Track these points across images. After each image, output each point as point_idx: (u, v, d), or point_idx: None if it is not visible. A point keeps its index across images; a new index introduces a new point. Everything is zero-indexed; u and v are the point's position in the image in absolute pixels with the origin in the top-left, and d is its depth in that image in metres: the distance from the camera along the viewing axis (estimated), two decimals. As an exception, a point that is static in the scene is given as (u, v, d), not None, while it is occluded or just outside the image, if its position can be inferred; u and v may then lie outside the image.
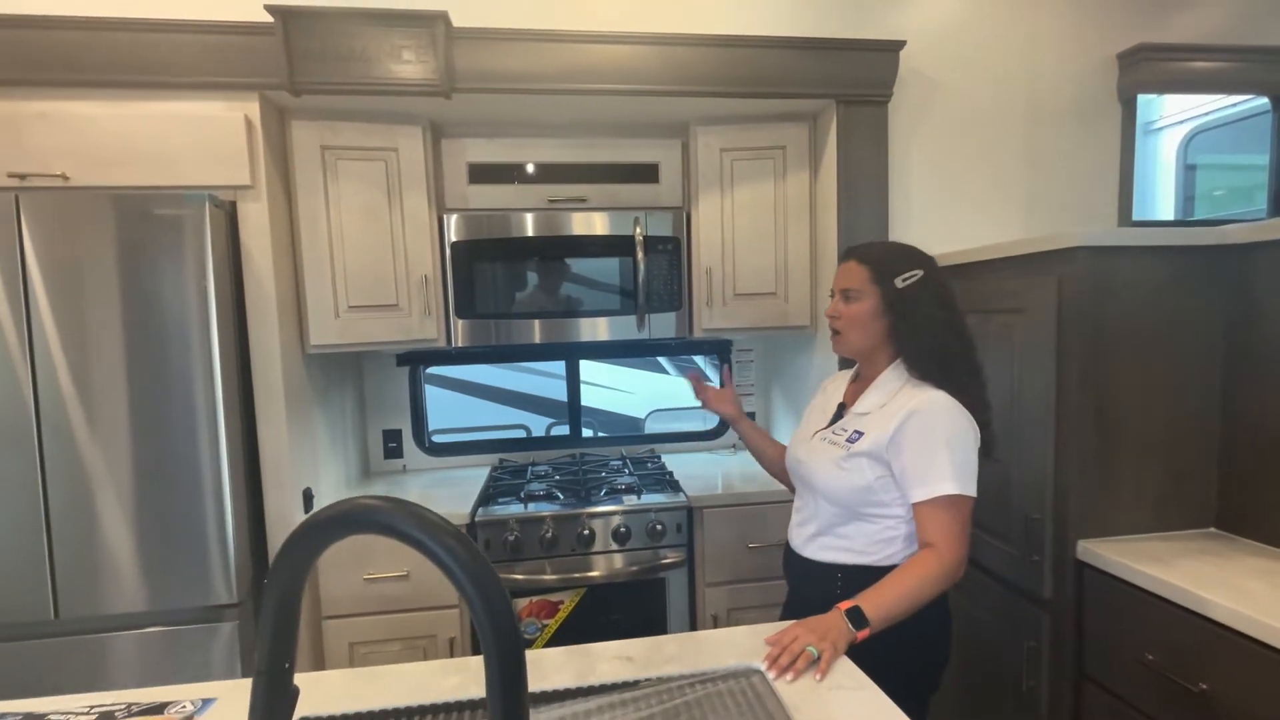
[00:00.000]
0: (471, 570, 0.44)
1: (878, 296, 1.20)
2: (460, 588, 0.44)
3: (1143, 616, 1.25)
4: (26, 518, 1.54)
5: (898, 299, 1.18)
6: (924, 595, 1.08)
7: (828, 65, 1.86)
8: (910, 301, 1.18)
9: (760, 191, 2.05)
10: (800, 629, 1.02)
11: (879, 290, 1.20)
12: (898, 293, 1.18)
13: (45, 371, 1.53)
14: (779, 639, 1.01)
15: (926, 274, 1.19)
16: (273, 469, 1.75)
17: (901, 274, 1.19)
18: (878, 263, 1.21)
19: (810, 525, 1.26)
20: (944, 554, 1.09)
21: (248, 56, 1.62)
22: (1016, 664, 1.51)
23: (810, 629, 1.02)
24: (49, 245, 1.51)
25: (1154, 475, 1.42)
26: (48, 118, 1.59)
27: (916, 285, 1.18)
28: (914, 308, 1.17)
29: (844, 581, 1.20)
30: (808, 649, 0.98)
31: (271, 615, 0.49)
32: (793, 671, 0.96)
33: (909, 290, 1.18)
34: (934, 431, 1.12)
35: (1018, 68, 2.04)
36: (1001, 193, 2.08)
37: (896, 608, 1.06)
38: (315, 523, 0.48)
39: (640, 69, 1.79)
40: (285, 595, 0.49)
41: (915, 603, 1.07)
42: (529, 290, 2.05)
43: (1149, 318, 1.38)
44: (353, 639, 1.83)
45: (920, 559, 1.11)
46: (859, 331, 1.23)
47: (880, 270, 1.20)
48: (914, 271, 1.19)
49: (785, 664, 0.97)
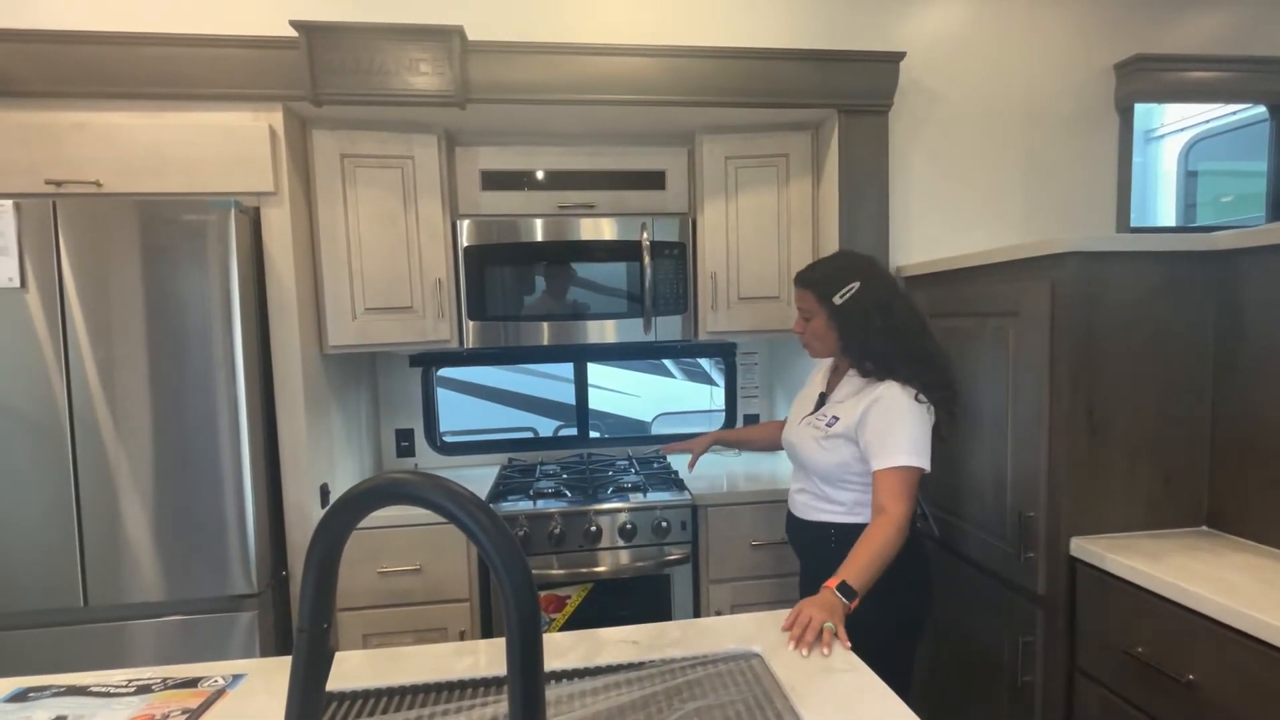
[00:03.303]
0: (493, 534, 0.49)
1: (825, 314, 1.44)
2: (483, 550, 0.49)
3: (1133, 610, 1.29)
4: (59, 509, 1.61)
5: (838, 313, 1.42)
6: (888, 554, 1.26)
7: (829, 76, 1.91)
8: (847, 314, 1.41)
9: (764, 198, 2.10)
10: (811, 609, 1.11)
11: (824, 309, 1.44)
12: (837, 309, 1.42)
13: (78, 370, 1.60)
14: (796, 621, 1.10)
15: (863, 284, 1.40)
16: (291, 464, 1.81)
17: (839, 290, 1.41)
18: (817, 285, 1.45)
19: (805, 495, 1.52)
20: (894, 515, 1.29)
21: (273, 69, 1.70)
22: (1012, 659, 1.55)
23: (819, 607, 1.11)
24: (82, 249, 1.59)
25: (1145, 474, 1.46)
26: (84, 128, 1.67)
27: (852, 299, 1.40)
28: (850, 319, 1.40)
29: (836, 536, 1.44)
30: (825, 625, 1.08)
31: (313, 577, 0.55)
32: (824, 645, 1.05)
33: (846, 304, 1.41)
34: (889, 413, 1.35)
35: (1016, 78, 2.09)
36: (1000, 200, 2.13)
37: (870, 570, 1.23)
38: (353, 494, 0.53)
39: (647, 80, 1.85)
40: (325, 560, 0.55)
41: (884, 562, 1.25)
42: (539, 293, 2.11)
43: (1140, 321, 1.43)
44: (366, 630, 1.89)
45: (876, 525, 1.29)
46: (819, 342, 1.49)
47: (820, 291, 1.44)
48: (850, 285, 1.41)
49: (811, 639, 1.06)
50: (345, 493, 0.54)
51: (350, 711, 0.94)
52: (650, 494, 2.02)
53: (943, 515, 1.82)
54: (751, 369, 2.62)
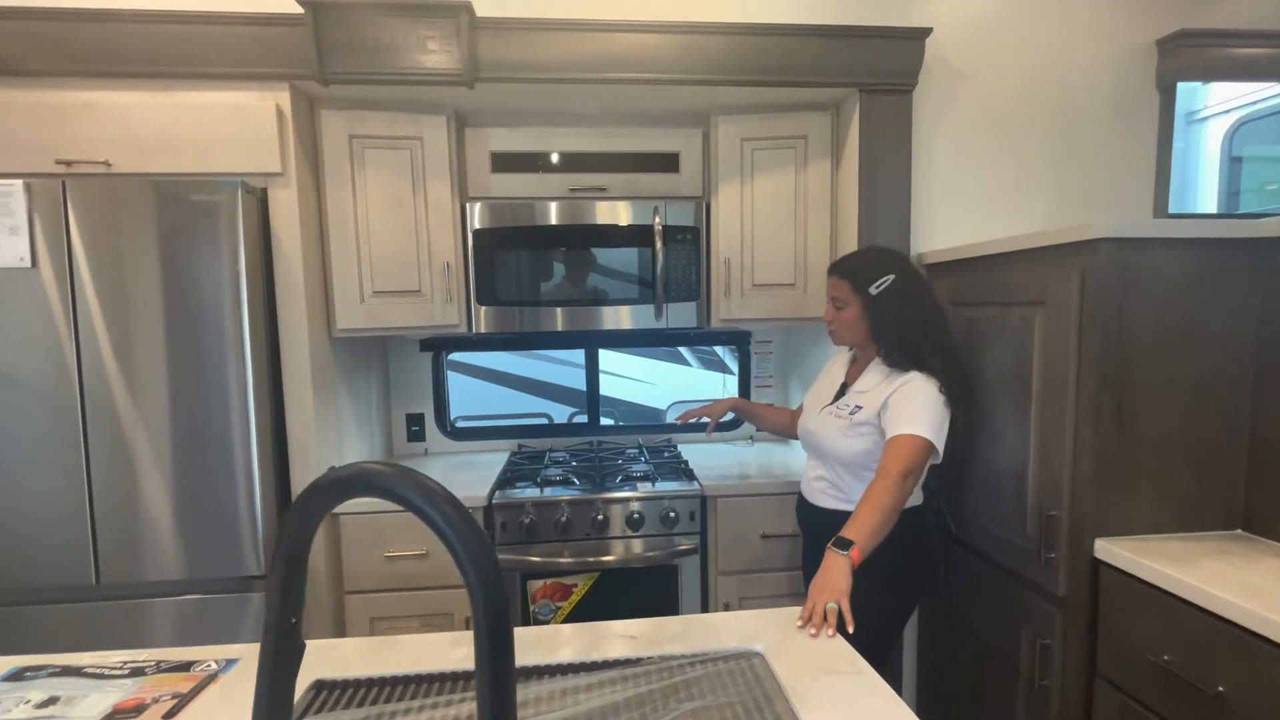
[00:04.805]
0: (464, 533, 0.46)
1: (859, 303, 1.49)
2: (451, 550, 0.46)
3: (1159, 616, 1.23)
4: (71, 488, 1.62)
5: (873, 304, 1.47)
6: (885, 507, 1.29)
7: (850, 53, 1.84)
8: (882, 305, 1.46)
9: (781, 181, 2.04)
10: (814, 594, 1.13)
11: (859, 298, 1.49)
12: (873, 299, 1.47)
13: (89, 349, 1.61)
14: (804, 611, 1.12)
15: (898, 276, 1.47)
16: (299, 447, 1.81)
17: (875, 281, 1.47)
18: (854, 275, 1.50)
19: (821, 482, 1.56)
20: (890, 472, 1.33)
21: (279, 47, 1.67)
22: (1029, 661, 1.50)
23: (820, 589, 1.14)
24: (92, 229, 1.59)
25: (1177, 474, 1.38)
26: (94, 107, 1.66)
27: (888, 289, 1.46)
28: (885, 311, 1.46)
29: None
30: (827, 606, 1.09)
31: (280, 572, 0.52)
32: (828, 628, 1.07)
33: (881, 296, 1.47)
34: (914, 394, 1.41)
35: (1050, 55, 1.99)
36: (1029, 185, 2.03)
37: (868, 524, 1.26)
38: (320, 485, 0.51)
39: (661, 58, 1.79)
40: (293, 553, 0.52)
41: (883, 516, 1.28)
42: (548, 278, 2.08)
43: (1176, 311, 1.35)
44: (374, 614, 1.90)
45: (872, 484, 1.34)
46: (849, 331, 1.54)
47: (857, 281, 1.49)
48: (885, 277, 1.46)
49: (818, 624, 1.08)
50: (311, 484, 0.52)
51: (342, 700, 0.92)
52: (659, 483, 1.99)
53: (959, 510, 1.76)
54: (766, 358, 2.56)
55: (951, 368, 1.45)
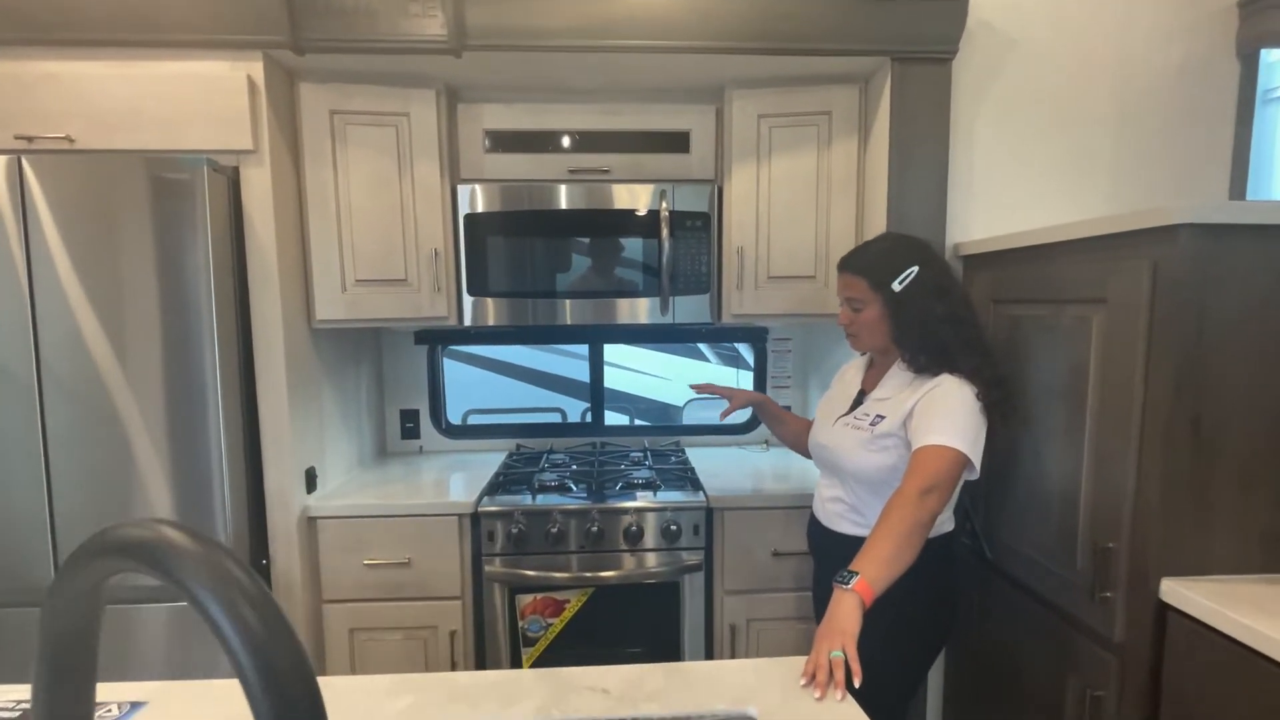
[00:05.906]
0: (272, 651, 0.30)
1: (880, 302, 1.30)
2: (240, 674, 0.30)
3: (1236, 673, 1.03)
4: (29, 481, 1.52)
5: (896, 302, 1.28)
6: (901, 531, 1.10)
7: (882, 17, 1.63)
8: (907, 302, 1.27)
9: (801, 163, 1.84)
10: (818, 640, 0.99)
11: (880, 296, 1.30)
12: (896, 296, 1.28)
13: (49, 334, 1.50)
14: (808, 666, 0.96)
15: (922, 267, 1.28)
16: (273, 446, 1.69)
17: (897, 275, 1.28)
18: (871, 271, 1.30)
19: (838, 504, 1.37)
20: (906, 491, 1.14)
21: (249, 11, 1.54)
22: (1077, 713, 1.30)
23: (825, 635, 0.99)
24: (53, 209, 1.48)
25: (1263, 504, 1.17)
26: (56, 79, 1.54)
27: (913, 283, 1.27)
28: (910, 308, 1.27)
29: None
30: (831, 656, 0.94)
31: (46, 679, 0.36)
32: (836, 688, 0.90)
33: (906, 291, 1.27)
34: (945, 400, 1.22)
35: (1111, 17, 1.75)
36: (1084, 167, 1.80)
37: (879, 553, 1.08)
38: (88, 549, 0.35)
39: (670, 22, 1.61)
40: (62, 652, 0.37)
41: (899, 540, 1.09)
42: (545, 268, 1.92)
43: (1268, 313, 1.13)
44: (353, 625, 1.77)
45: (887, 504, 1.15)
46: (870, 334, 1.34)
47: (876, 277, 1.30)
48: (909, 270, 1.28)
49: (824, 680, 0.92)
50: (73, 552, 0.36)
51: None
52: (661, 493, 1.83)
53: (996, 532, 1.56)
54: (784, 357, 2.37)
55: (986, 369, 1.26)
